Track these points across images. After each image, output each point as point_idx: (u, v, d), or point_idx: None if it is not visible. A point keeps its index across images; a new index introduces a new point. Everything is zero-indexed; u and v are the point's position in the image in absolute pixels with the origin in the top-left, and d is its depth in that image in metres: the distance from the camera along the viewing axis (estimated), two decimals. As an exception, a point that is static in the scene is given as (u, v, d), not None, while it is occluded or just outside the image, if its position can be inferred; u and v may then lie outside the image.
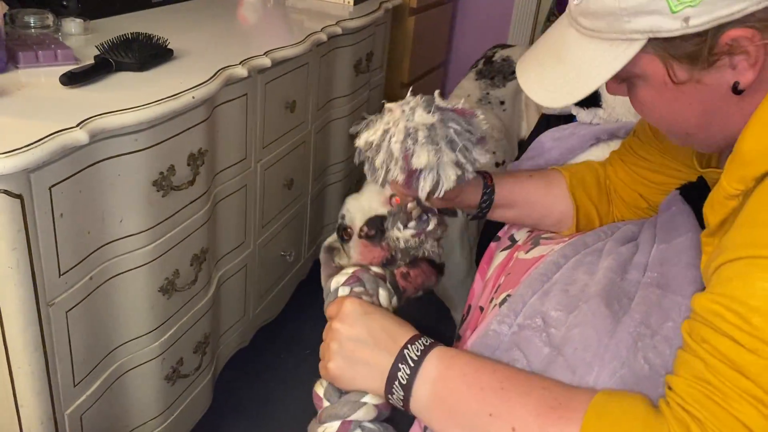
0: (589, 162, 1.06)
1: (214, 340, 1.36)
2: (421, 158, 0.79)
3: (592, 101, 1.38)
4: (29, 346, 0.88)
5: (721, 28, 0.60)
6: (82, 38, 1.22)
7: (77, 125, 0.86)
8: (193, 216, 1.14)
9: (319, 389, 0.74)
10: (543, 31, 2.42)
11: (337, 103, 1.72)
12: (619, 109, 1.36)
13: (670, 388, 0.57)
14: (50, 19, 1.19)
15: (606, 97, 1.36)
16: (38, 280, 0.86)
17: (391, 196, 1.12)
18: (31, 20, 1.15)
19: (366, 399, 0.70)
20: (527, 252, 0.96)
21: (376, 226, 1.05)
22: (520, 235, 1.06)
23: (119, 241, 1.00)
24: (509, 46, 1.99)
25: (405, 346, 0.68)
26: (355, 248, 1.12)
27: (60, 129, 0.83)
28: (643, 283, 0.78)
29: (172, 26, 1.40)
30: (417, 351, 0.67)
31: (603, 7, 0.63)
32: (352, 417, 0.69)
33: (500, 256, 1.04)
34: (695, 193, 0.87)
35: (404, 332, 0.69)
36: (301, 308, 1.76)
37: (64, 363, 0.95)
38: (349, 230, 1.17)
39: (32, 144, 0.79)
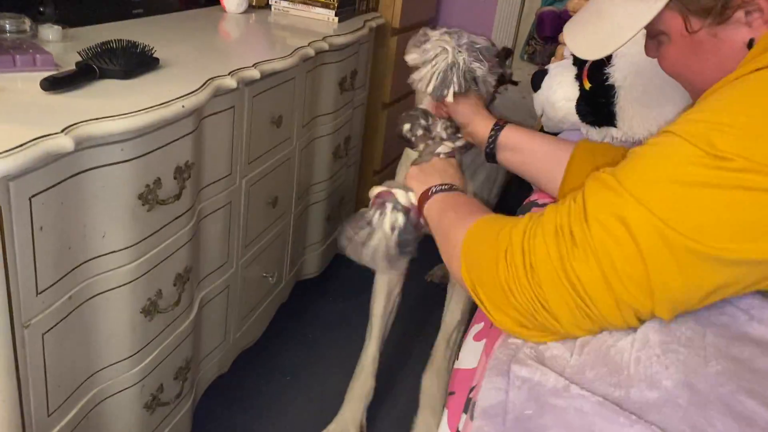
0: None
1: (194, 366, 1.28)
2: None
3: (605, 119, 1.27)
4: (1, 371, 0.80)
5: None
6: (59, 45, 1.16)
7: (62, 131, 0.80)
8: (178, 232, 1.08)
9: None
10: (522, 53, 2.45)
11: (321, 120, 1.68)
12: (637, 128, 1.24)
13: None
14: (27, 24, 1.12)
15: (622, 116, 1.25)
16: (14, 298, 0.79)
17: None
18: (7, 25, 1.09)
19: (410, 192, 0.98)
20: None
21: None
22: None
23: (101, 258, 0.93)
24: None
25: (451, 183, 0.96)
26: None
27: (43, 134, 0.77)
28: None
29: (154, 37, 1.33)
30: (454, 187, 0.95)
31: None
32: (394, 190, 0.99)
33: None
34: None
35: (459, 183, 0.98)
36: (281, 332, 1.69)
37: (38, 390, 0.87)
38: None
39: (13, 149, 0.73)
